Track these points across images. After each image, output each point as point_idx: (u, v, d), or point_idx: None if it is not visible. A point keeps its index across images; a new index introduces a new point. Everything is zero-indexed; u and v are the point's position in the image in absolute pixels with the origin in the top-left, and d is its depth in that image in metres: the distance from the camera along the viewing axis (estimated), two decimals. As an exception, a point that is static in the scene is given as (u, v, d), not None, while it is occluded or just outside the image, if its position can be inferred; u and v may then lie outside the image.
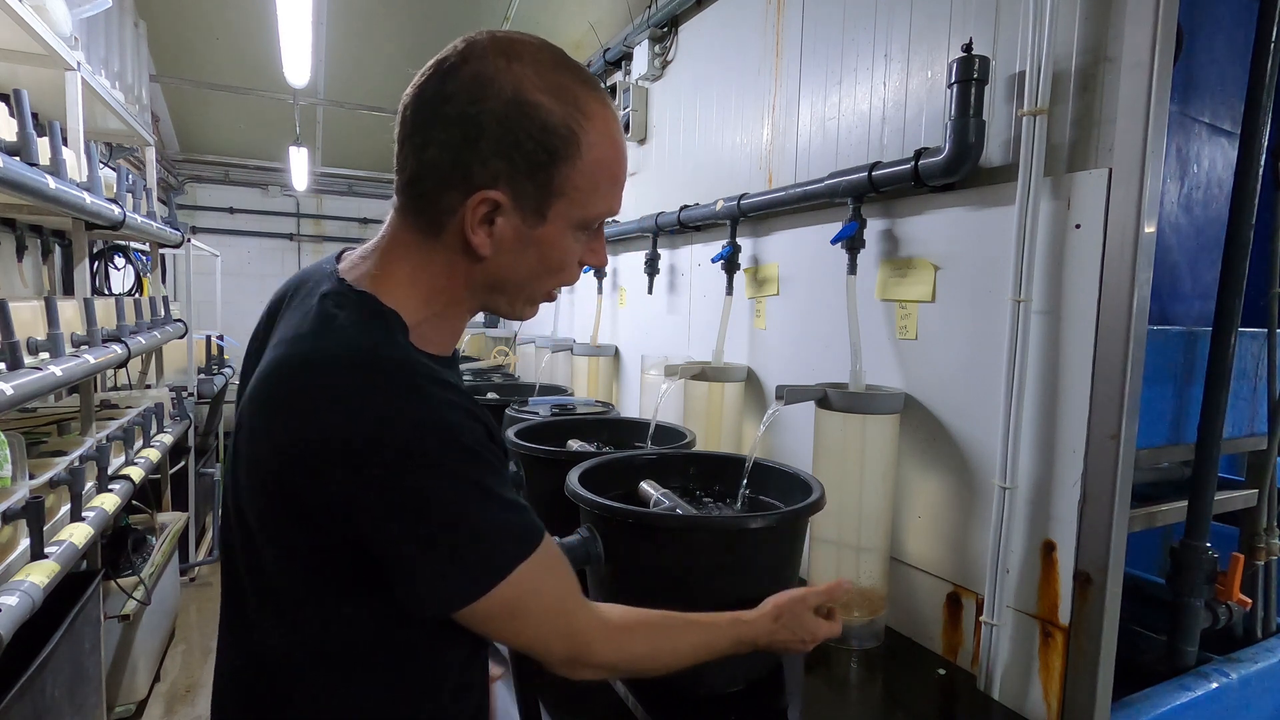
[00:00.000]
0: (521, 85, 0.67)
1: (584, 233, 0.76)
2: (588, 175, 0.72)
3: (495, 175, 0.69)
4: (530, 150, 0.68)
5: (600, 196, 0.74)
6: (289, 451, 0.64)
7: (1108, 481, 1.09)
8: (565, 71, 0.70)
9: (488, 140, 0.67)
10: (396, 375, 0.66)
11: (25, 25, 1.89)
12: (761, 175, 2.00)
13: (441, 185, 0.70)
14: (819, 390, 1.44)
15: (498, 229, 0.71)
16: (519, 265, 0.74)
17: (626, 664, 0.84)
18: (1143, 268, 1.05)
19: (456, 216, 0.70)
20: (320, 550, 0.67)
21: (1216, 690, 1.32)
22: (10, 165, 1.54)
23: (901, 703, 1.27)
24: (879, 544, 1.42)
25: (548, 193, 0.71)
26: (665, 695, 1.18)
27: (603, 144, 0.72)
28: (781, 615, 0.97)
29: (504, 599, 0.68)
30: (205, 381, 4.01)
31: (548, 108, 0.68)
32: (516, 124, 0.67)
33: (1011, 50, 1.26)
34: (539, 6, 3.53)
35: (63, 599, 1.83)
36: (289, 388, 0.66)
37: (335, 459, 0.63)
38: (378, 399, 0.64)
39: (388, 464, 0.63)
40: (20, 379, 1.53)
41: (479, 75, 0.67)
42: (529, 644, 0.75)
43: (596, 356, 2.82)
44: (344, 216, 6.92)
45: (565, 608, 0.76)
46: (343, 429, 0.63)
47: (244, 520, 0.72)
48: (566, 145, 0.69)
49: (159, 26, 3.71)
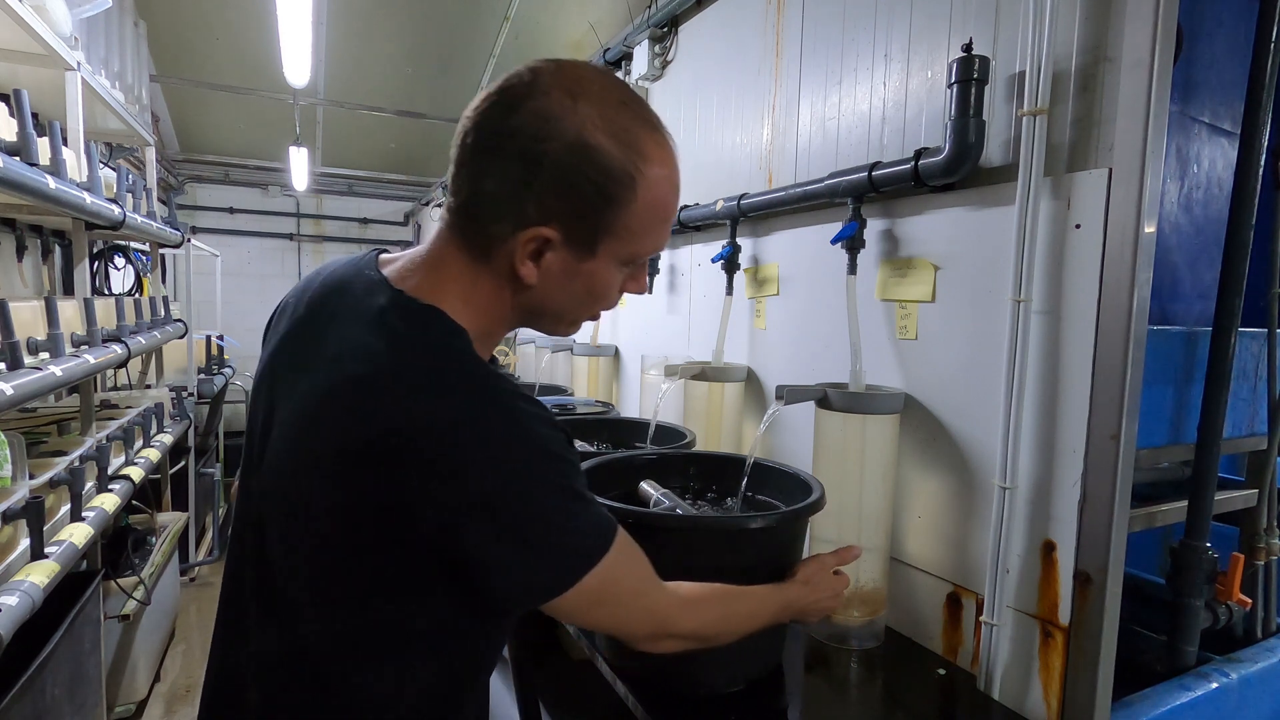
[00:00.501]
0: (584, 127, 0.68)
1: (629, 265, 0.79)
2: (640, 217, 0.73)
3: (549, 213, 0.70)
4: (587, 193, 0.70)
5: (650, 236, 0.76)
6: (379, 463, 0.66)
7: (1108, 481, 1.09)
8: (628, 112, 0.71)
9: (546, 179, 0.69)
10: (485, 392, 0.69)
11: (25, 25, 1.89)
12: (761, 175, 2.00)
13: (495, 215, 0.71)
14: (819, 390, 1.44)
15: (546, 261, 0.73)
16: (563, 294, 0.77)
17: (701, 631, 0.90)
18: (1143, 268, 1.05)
19: (506, 245, 0.72)
20: (394, 550, 0.69)
21: (1216, 690, 1.32)
22: (10, 165, 1.55)
23: (901, 703, 1.27)
24: (879, 544, 1.42)
25: (599, 232, 0.72)
26: (665, 695, 1.18)
27: (658, 186, 0.73)
28: (810, 580, 1.09)
29: (589, 589, 0.72)
30: (205, 381, 4.02)
31: (609, 151, 0.69)
32: (576, 167, 0.69)
33: (1011, 50, 1.26)
34: (539, 6, 3.53)
35: (63, 599, 1.83)
36: (379, 403, 0.67)
37: (434, 472, 0.65)
38: (472, 415, 0.67)
39: (485, 475, 0.66)
40: (20, 379, 1.53)
41: (544, 112, 0.68)
42: (613, 626, 0.82)
43: (596, 356, 2.82)
44: (344, 216, 6.92)
45: (644, 589, 0.82)
46: (440, 444, 0.65)
47: (289, 518, 0.73)
48: (623, 189, 0.71)
49: (159, 26, 3.71)
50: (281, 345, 0.81)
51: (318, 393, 0.70)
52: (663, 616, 0.85)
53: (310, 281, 0.86)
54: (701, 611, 0.91)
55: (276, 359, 0.81)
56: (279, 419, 0.76)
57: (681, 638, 0.88)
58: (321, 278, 0.84)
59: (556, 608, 0.74)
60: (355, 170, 6.29)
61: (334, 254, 6.89)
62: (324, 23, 3.70)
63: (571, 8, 3.39)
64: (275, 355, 0.82)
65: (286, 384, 0.77)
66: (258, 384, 0.83)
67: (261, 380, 0.82)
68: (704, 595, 0.92)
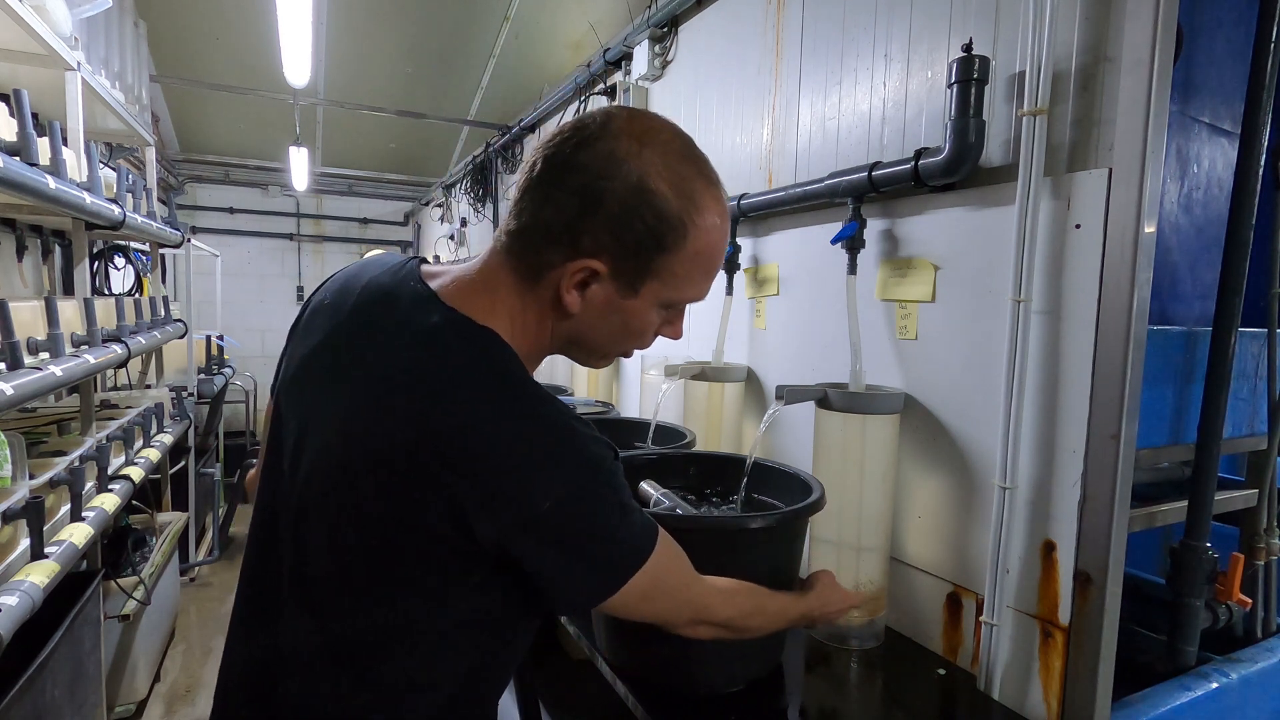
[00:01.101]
0: (647, 172, 0.73)
1: (668, 310, 0.82)
2: (686, 265, 0.77)
3: (601, 247, 0.74)
4: (640, 233, 0.73)
5: (693, 284, 0.80)
6: (439, 477, 0.68)
7: (1108, 481, 1.09)
8: (690, 165, 0.76)
9: (604, 215, 0.73)
10: (543, 412, 0.72)
11: (25, 25, 1.89)
12: (761, 175, 2.00)
13: (550, 241, 0.75)
14: (819, 390, 1.44)
15: (590, 293, 0.77)
16: (602, 327, 0.80)
17: (735, 621, 0.96)
18: (1143, 268, 1.05)
19: (555, 272, 0.76)
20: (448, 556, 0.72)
21: (1216, 690, 1.32)
22: (10, 165, 1.54)
23: (901, 703, 1.27)
24: (879, 544, 1.42)
25: (645, 273, 0.76)
26: (665, 695, 1.18)
27: (707, 237, 0.77)
28: (824, 594, 1.15)
29: (637, 589, 0.78)
30: (205, 381, 4.01)
31: (666, 196, 0.73)
32: (634, 208, 0.72)
33: (1011, 50, 1.26)
34: (539, 6, 3.52)
35: (63, 599, 1.83)
36: (440, 419, 0.69)
37: (494, 490, 0.69)
38: (531, 435, 0.71)
39: (544, 492, 0.70)
40: (20, 379, 1.53)
41: (611, 154, 0.73)
42: (655, 616, 0.88)
43: (596, 356, 2.82)
44: (344, 216, 6.93)
45: (686, 582, 0.89)
46: (501, 462, 0.69)
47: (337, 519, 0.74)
48: (675, 235, 0.74)
49: (159, 26, 3.71)
50: (320, 349, 0.82)
51: (370, 404, 0.73)
52: (702, 605, 0.91)
53: (348, 285, 0.85)
54: (736, 602, 0.97)
55: (313, 362, 0.82)
56: (319, 424, 0.77)
57: (717, 625, 0.94)
58: (362, 283, 0.84)
59: (607, 606, 0.79)
60: (355, 170, 6.29)
61: (334, 254, 6.89)
62: (324, 23, 3.70)
63: (571, 8, 3.39)
64: (311, 358, 0.82)
65: (326, 390, 0.78)
66: (287, 384, 0.84)
67: (293, 381, 0.84)
68: (738, 587, 0.99)
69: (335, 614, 0.76)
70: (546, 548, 0.72)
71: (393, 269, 0.84)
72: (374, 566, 0.74)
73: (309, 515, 0.77)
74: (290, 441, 0.81)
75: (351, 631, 0.75)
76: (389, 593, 0.74)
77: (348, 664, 0.76)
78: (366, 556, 0.74)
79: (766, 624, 1.04)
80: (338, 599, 0.76)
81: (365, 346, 0.77)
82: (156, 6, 3.61)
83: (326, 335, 0.82)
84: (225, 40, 4.02)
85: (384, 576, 0.74)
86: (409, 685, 0.77)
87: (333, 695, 0.77)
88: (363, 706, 0.76)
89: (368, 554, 0.74)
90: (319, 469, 0.76)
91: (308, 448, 0.78)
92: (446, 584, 0.74)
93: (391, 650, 0.76)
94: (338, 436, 0.74)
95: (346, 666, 0.76)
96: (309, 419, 0.79)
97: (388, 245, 7.13)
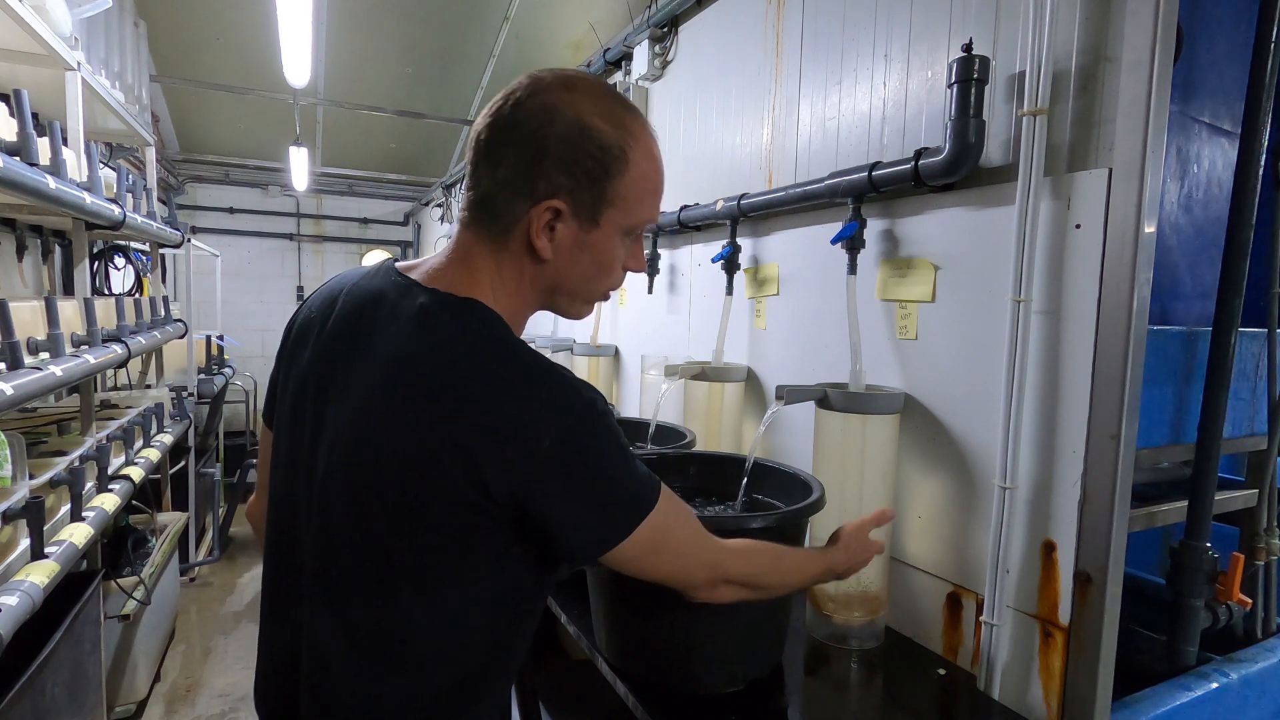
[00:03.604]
0: (581, 111, 0.79)
1: (628, 238, 0.87)
2: (634, 187, 0.83)
3: (557, 187, 0.80)
4: (589, 166, 0.80)
5: (644, 206, 0.86)
6: (451, 444, 0.73)
7: (1108, 481, 1.09)
8: (615, 100, 0.83)
9: (553, 157, 0.79)
10: (534, 365, 0.77)
11: (25, 25, 1.89)
12: (761, 175, 2.00)
13: (512, 196, 0.81)
14: (819, 390, 1.44)
15: (558, 234, 0.82)
16: (574, 268, 0.85)
17: (755, 578, 0.98)
18: (1143, 268, 1.05)
19: (522, 223, 0.81)
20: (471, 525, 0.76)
21: (1216, 690, 1.32)
22: (10, 165, 1.54)
23: (901, 703, 1.27)
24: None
25: (601, 202, 0.82)
26: (665, 695, 1.18)
27: (646, 161, 0.84)
28: (850, 545, 1.14)
29: (646, 537, 0.81)
30: (205, 381, 4.01)
31: (603, 129, 0.80)
32: (578, 144, 0.79)
33: (1011, 50, 1.26)
34: (539, 6, 3.53)
35: (63, 599, 1.83)
36: (442, 390, 0.74)
37: (518, 446, 0.73)
38: (526, 386, 0.75)
39: (548, 436, 0.74)
40: (20, 379, 1.53)
41: (545, 105, 0.79)
42: (671, 574, 0.89)
43: (597, 356, 2.82)
44: (344, 216, 6.92)
45: (698, 537, 0.91)
46: (504, 415, 0.73)
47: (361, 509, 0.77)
48: (618, 162, 0.81)
49: (159, 26, 3.71)
50: (315, 359, 0.86)
51: (379, 392, 0.77)
52: (717, 562, 0.92)
53: (331, 296, 0.90)
54: (753, 558, 0.98)
55: (310, 373, 0.86)
56: (334, 424, 0.81)
57: (737, 584, 0.95)
58: (346, 290, 0.89)
59: (617, 557, 0.81)
60: (355, 170, 6.28)
61: (334, 254, 6.89)
62: (324, 23, 3.70)
63: (571, 8, 3.39)
64: (309, 369, 0.87)
65: (339, 389, 0.82)
66: (296, 398, 0.88)
67: (302, 393, 0.87)
68: (754, 544, 1.00)
69: (363, 605, 0.79)
70: (551, 487, 0.75)
71: (370, 273, 0.90)
72: (400, 550, 0.77)
73: (332, 512, 0.80)
74: (306, 447, 0.84)
75: (378, 620, 0.78)
76: (417, 575, 0.77)
77: (374, 652, 0.79)
78: (393, 540, 0.77)
79: (790, 579, 1.06)
80: (365, 591, 0.79)
81: (368, 343, 0.81)
82: (156, 6, 3.61)
83: (320, 344, 0.87)
84: (225, 40, 4.02)
85: (410, 561, 0.77)
86: (437, 663, 0.80)
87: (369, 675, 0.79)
88: (392, 688, 0.79)
89: (394, 537, 0.77)
90: (337, 464, 0.79)
91: (323, 450, 0.82)
92: (469, 552, 0.77)
93: (417, 632, 0.79)
94: (353, 431, 0.78)
95: (373, 654, 0.79)
96: (323, 423, 0.82)
97: (388, 245, 7.13)
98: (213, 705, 2.85)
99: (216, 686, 2.98)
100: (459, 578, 0.78)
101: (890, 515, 1.21)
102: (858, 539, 1.15)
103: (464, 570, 0.78)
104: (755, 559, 0.99)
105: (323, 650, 0.81)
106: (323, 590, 0.81)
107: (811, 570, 1.10)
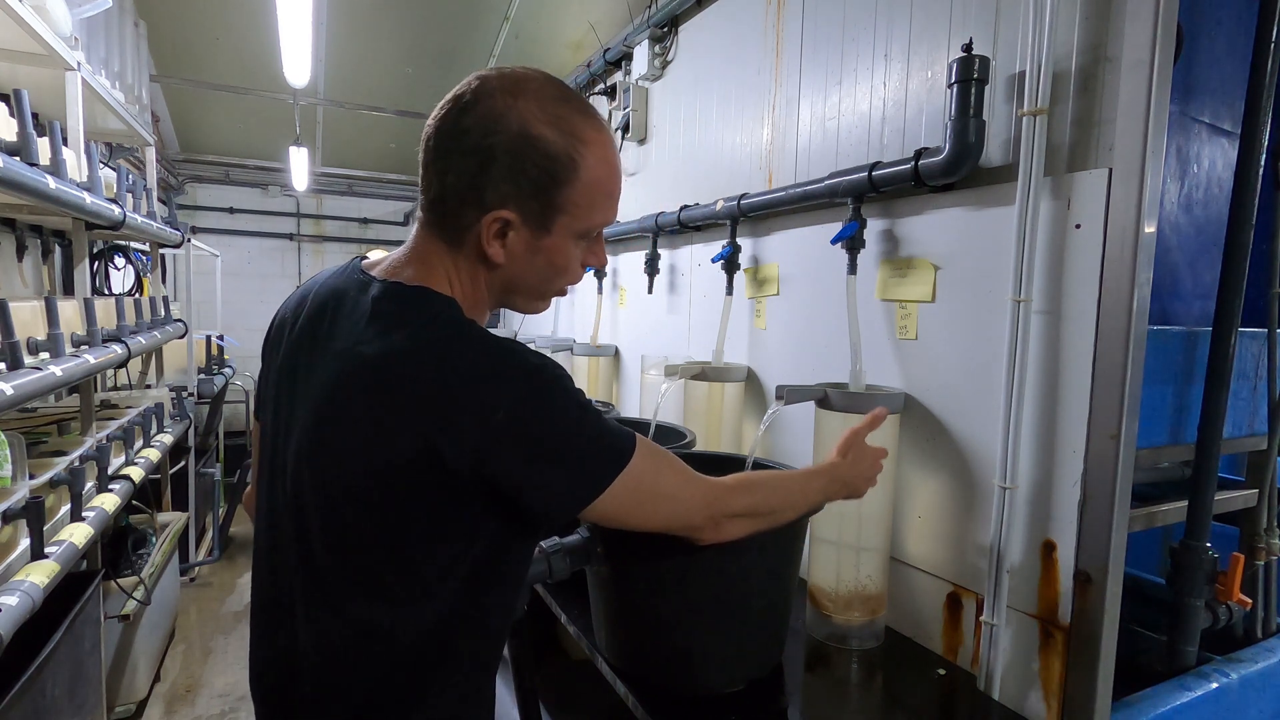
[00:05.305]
0: (526, 120, 0.78)
1: (584, 240, 0.87)
2: (586, 194, 0.82)
3: (505, 197, 0.79)
4: (535, 176, 0.79)
5: (597, 210, 0.85)
6: (405, 423, 0.73)
7: (1108, 481, 1.09)
8: (565, 104, 0.81)
9: (498, 168, 0.78)
10: (483, 339, 0.78)
11: (25, 25, 1.89)
12: (761, 175, 2.00)
13: (461, 204, 0.81)
14: (819, 390, 1.44)
15: (509, 242, 0.82)
16: (529, 271, 0.85)
17: (758, 506, 0.97)
18: (1143, 268, 1.05)
19: (474, 231, 0.81)
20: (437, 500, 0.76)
21: (1216, 690, 1.32)
22: (10, 165, 1.54)
23: (901, 703, 1.27)
24: (879, 544, 1.42)
25: (551, 210, 0.81)
26: (665, 695, 1.18)
27: (599, 167, 0.82)
28: (848, 452, 1.12)
29: (626, 489, 0.81)
30: (205, 381, 4.01)
31: (549, 139, 0.79)
32: (522, 154, 0.78)
33: (1011, 50, 1.26)
34: (539, 6, 3.52)
35: (63, 599, 1.83)
36: (394, 369, 0.75)
37: (469, 418, 0.73)
38: (476, 359, 0.76)
39: (501, 405, 0.74)
40: (20, 379, 1.53)
41: (490, 112, 0.78)
42: (668, 521, 0.90)
43: (596, 356, 2.82)
44: (344, 216, 6.91)
45: (687, 479, 0.90)
46: (456, 389, 0.74)
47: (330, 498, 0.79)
48: (566, 170, 0.80)
49: (159, 26, 3.71)
50: (289, 355, 0.88)
51: (335, 379, 0.78)
52: (712, 499, 0.92)
53: (304, 296, 0.93)
54: (752, 488, 0.98)
55: (286, 367, 0.88)
56: (300, 417, 0.82)
57: (741, 516, 0.95)
58: (314, 290, 0.91)
59: (604, 512, 0.81)
60: (355, 170, 6.28)
61: (334, 254, 6.89)
62: (324, 23, 3.70)
63: (571, 8, 3.39)
64: (284, 365, 0.89)
65: (303, 384, 0.84)
66: (274, 395, 0.89)
67: (277, 391, 0.89)
68: (748, 476, 1.00)
69: (343, 589, 0.80)
70: (513, 455, 0.75)
71: (337, 271, 0.92)
72: (373, 535, 0.78)
73: (305, 503, 0.81)
74: (282, 445, 0.85)
75: (358, 603, 0.79)
76: (393, 558, 0.78)
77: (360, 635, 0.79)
78: (365, 527, 0.78)
79: (796, 499, 1.05)
80: (344, 578, 0.80)
81: (328, 336, 0.83)
82: (156, 6, 3.61)
83: (290, 343, 0.89)
84: (225, 40, 4.02)
85: (384, 544, 0.78)
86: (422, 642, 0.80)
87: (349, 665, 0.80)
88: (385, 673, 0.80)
89: (366, 524, 0.78)
90: (305, 457, 0.81)
91: (292, 442, 0.83)
92: (441, 531, 0.78)
93: (399, 611, 0.79)
94: (313, 419, 0.80)
95: (359, 637, 0.79)
96: (294, 419, 0.84)
97: (388, 245, 7.13)
98: (213, 705, 2.85)
99: (216, 686, 2.98)
100: (433, 557, 0.79)
101: (884, 414, 1.18)
102: (855, 444, 1.13)
103: (438, 550, 0.79)
104: (754, 488, 0.98)
105: (315, 636, 0.81)
106: (306, 577, 0.82)
107: (816, 484, 1.08)
